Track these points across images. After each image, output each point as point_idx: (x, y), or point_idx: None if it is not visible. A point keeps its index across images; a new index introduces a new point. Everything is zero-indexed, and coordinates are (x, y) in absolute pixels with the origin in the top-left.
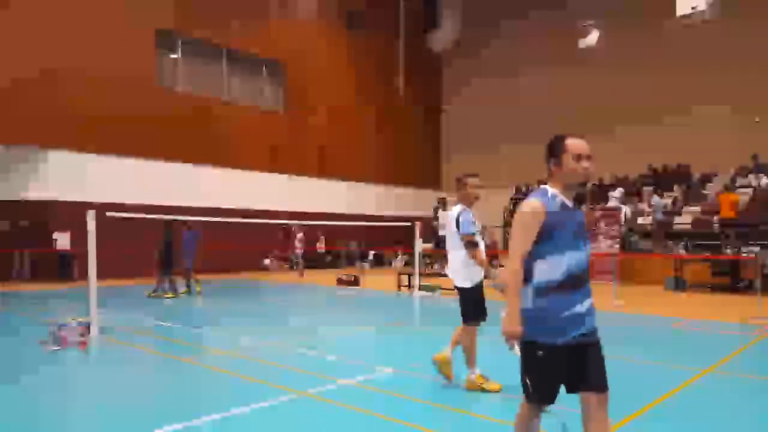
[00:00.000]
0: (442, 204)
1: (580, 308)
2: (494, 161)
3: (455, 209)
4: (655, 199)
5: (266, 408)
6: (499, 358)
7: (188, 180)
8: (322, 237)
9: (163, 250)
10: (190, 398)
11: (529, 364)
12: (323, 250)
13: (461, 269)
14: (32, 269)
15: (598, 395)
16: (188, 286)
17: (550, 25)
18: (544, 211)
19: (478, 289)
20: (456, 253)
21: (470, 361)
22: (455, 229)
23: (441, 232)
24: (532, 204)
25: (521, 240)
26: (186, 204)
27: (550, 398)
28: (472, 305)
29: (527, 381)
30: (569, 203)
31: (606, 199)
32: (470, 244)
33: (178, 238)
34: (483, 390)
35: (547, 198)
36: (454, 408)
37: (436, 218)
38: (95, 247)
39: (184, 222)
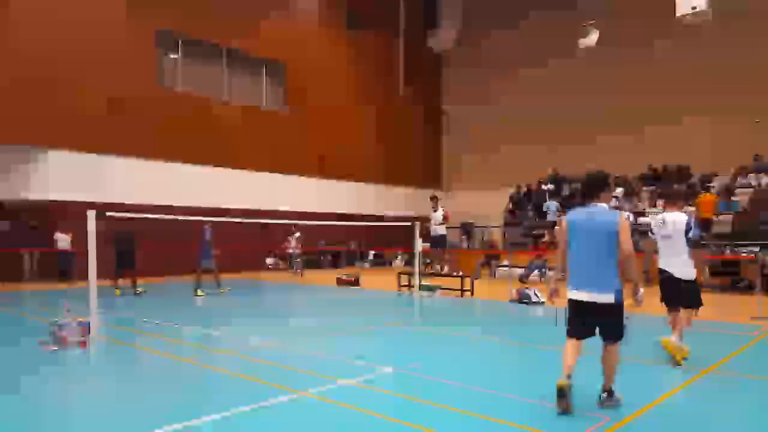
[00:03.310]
0: (434, 203)
1: None
2: (494, 161)
3: (681, 215)
4: (550, 203)
5: (266, 408)
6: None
7: (188, 180)
8: (296, 236)
9: (120, 250)
10: (190, 398)
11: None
12: (298, 251)
13: (688, 266)
14: (30, 269)
15: None
16: (218, 285)
17: (550, 24)
18: None
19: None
20: (684, 251)
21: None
22: (685, 232)
23: (440, 232)
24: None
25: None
26: (186, 204)
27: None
28: (697, 293)
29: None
30: None
31: None
32: (698, 245)
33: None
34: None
35: None
36: (454, 408)
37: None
38: (95, 247)
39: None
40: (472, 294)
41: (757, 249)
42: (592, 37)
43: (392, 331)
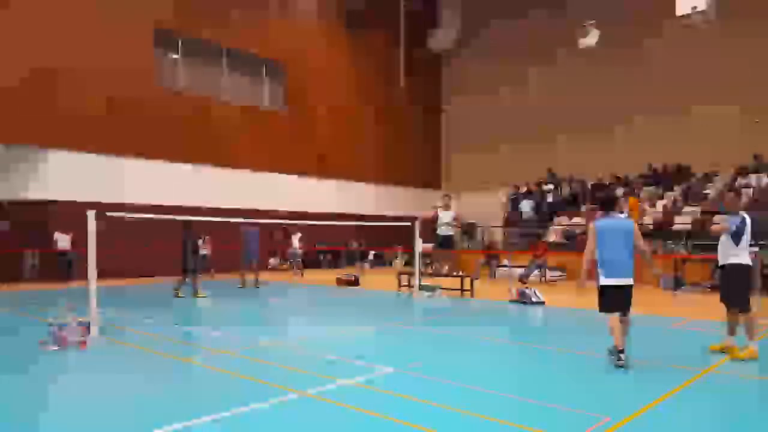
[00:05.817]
0: (446, 201)
1: None
2: (494, 161)
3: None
4: (524, 203)
5: (266, 408)
6: None
7: (188, 180)
8: (298, 236)
9: (183, 251)
10: (190, 398)
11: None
12: (299, 251)
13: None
14: (32, 269)
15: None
16: (256, 284)
17: (549, 24)
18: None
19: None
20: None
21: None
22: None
23: (446, 232)
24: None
25: None
26: (186, 204)
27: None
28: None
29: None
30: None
31: None
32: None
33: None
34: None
35: None
36: (454, 408)
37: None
38: (95, 247)
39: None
40: (472, 294)
41: (757, 249)
42: (592, 37)
43: (392, 331)
